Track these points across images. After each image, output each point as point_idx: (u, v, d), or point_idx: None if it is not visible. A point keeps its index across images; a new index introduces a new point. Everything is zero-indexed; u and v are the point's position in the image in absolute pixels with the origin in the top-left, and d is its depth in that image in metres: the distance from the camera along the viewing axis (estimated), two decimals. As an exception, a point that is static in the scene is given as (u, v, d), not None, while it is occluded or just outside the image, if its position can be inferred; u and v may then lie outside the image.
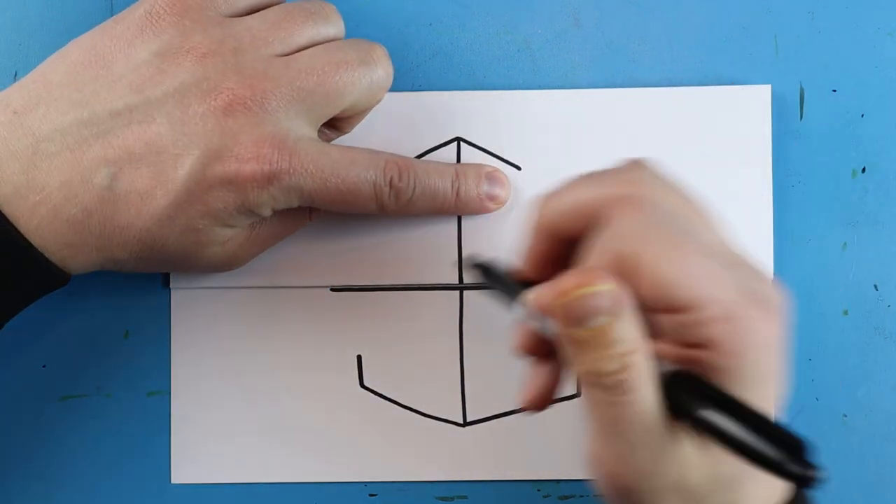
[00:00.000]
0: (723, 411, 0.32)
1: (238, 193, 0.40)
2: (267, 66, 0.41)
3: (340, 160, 0.42)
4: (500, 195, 0.46)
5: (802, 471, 0.31)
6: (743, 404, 0.33)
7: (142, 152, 0.39)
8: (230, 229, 0.42)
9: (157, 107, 0.40)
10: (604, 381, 0.33)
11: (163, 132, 0.40)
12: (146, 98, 0.40)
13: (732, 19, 0.47)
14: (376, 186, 0.43)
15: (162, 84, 0.40)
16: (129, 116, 0.40)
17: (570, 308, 0.32)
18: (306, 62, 0.41)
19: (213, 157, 0.40)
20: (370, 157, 0.43)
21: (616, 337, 0.32)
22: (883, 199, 0.47)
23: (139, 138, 0.39)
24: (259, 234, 0.44)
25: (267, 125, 0.40)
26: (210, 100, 0.40)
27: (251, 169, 0.40)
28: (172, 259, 0.42)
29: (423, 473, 0.47)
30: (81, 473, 0.48)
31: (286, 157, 0.40)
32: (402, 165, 0.43)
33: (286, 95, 0.40)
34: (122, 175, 0.39)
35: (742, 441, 0.32)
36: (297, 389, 0.47)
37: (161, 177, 0.40)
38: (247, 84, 0.40)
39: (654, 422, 0.33)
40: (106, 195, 0.39)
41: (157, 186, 0.40)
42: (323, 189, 0.41)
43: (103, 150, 0.39)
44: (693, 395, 0.33)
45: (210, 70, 0.40)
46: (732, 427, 0.32)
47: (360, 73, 0.42)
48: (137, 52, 0.40)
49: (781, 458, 0.31)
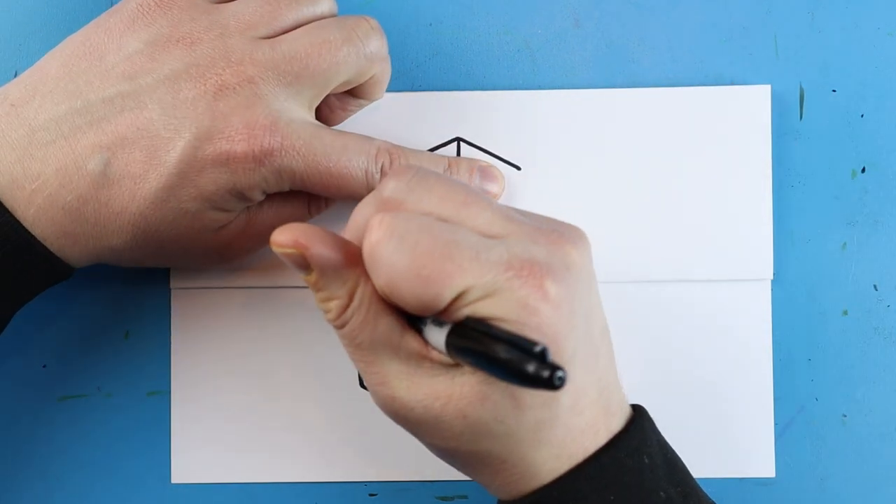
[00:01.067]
0: (477, 338, 0.34)
1: (230, 174, 0.41)
2: (253, 49, 0.41)
3: (332, 144, 0.42)
4: (493, 190, 0.46)
5: (543, 372, 0.31)
6: (496, 329, 0.34)
7: (134, 137, 0.40)
8: (223, 213, 0.42)
9: (148, 93, 0.40)
10: (325, 316, 0.38)
11: (154, 117, 0.40)
12: (138, 85, 0.40)
13: (732, 19, 0.47)
14: (367, 173, 0.43)
15: (153, 72, 0.41)
16: (122, 103, 0.40)
17: (281, 257, 0.37)
18: (289, 46, 0.42)
19: (205, 138, 0.40)
20: (363, 142, 0.43)
21: (322, 287, 0.37)
22: (883, 199, 0.47)
23: (131, 124, 0.40)
24: (254, 226, 0.44)
25: (258, 107, 0.41)
26: (200, 84, 0.40)
27: (242, 149, 0.40)
28: (166, 246, 0.42)
29: (423, 473, 0.47)
30: (81, 473, 0.48)
31: (277, 138, 0.41)
32: (393, 153, 0.44)
33: (273, 79, 0.41)
34: (116, 160, 0.40)
35: (487, 353, 0.33)
36: (296, 389, 0.47)
37: (153, 160, 0.40)
38: (234, 69, 0.41)
39: (385, 351, 0.37)
40: (100, 181, 0.40)
41: (149, 170, 0.40)
42: (314, 172, 0.42)
43: (96, 137, 0.40)
44: (464, 335, 0.35)
45: (199, 56, 0.41)
46: (479, 345, 0.34)
47: (345, 51, 0.42)
48: (129, 42, 0.41)
49: (521, 362, 0.32)
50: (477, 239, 0.35)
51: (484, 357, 0.33)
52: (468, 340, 0.34)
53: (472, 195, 0.37)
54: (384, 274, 0.35)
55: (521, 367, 0.32)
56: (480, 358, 0.34)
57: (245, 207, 0.43)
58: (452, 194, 0.37)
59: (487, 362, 0.33)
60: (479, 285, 0.35)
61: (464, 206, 0.37)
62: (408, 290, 0.35)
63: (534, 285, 0.35)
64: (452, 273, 0.34)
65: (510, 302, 0.34)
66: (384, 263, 0.35)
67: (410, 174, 0.37)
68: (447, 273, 0.34)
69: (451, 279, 0.34)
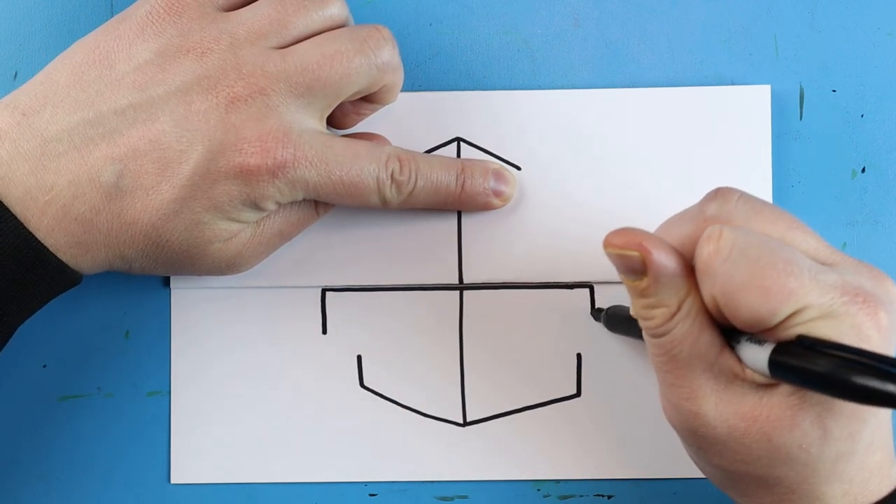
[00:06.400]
0: (812, 358, 0.34)
1: (244, 186, 0.41)
2: (265, 61, 0.41)
3: (344, 153, 0.42)
4: (506, 192, 0.46)
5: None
6: (849, 347, 0.34)
7: (146, 149, 0.40)
8: (235, 224, 0.42)
9: (160, 105, 0.40)
10: (645, 323, 0.37)
11: (167, 129, 0.40)
12: (149, 97, 0.40)
13: (732, 19, 0.47)
14: (379, 180, 0.43)
15: (164, 83, 0.40)
16: (134, 115, 0.40)
17: (612, 259, 0.37)
18: (300, 58, 0.41)
19: (218, 151, 0.40)
20: (374, 150, 0.43)
21: (651, 294, 0.36)
22: (883, 199, 0.47)
23: (143, 136, 0.40)
24: (263, 233, 0.44)
25: (270, 119, 0.41)
26: (212, 97, 0.40)
27: (256, 162, 0.40)
28: (177, 256, 0.42)
29: (423, 473, 0.47)
30: (81, 473, 0.48)
31: (290, 150, 0.41)
32: (403, 159, 0.44)
33: (285, 91, 0.41)
34: (128, 172, 0.40)
35: (827, 373, 0.33)
36: (297, 389, 0.47)
37: (166, 172, 0.40)
38: (246, 81, 0.41)
39: (700, 365, 0.36)
40: (113, 192, 0.40)
41: (162, 182, 0.40)
42: (328, 182, 0.42)
43: (109, 149, 0.40)
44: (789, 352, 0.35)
45: (210, 68, 0.41)
46: (814, 364, 0.33)
47: (357, 62, 0.42)
48: (139, 51, 0.41)
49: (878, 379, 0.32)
50: (811, 261, 0.36)
51: (819, 376, 0.33)
52: (799, 358, 0.34)
53: (797, 221, 0.37)
54: (720, 285, 0.35)
55: (875, 384, 0.32)
56: (811, 377, 0.33)
57: (257, 218, 0.43)
58: (780, 218, 0.37)
59: (822, 382, 0.33)
60: (816, 305, 0.34)
61: (790, 230, 0.37)
62: (744, 303, 0.34)
63: (868, 313, 0.35)
64: (794, 290, 0.34)
65: (845, 326, 0.34)
66: (722, 274, 0.35)
67: (736, 195, 0.37)
68: (789, 289, 0.34)
69: (792, 295, 0.34)
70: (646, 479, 0.47)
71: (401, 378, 0.47)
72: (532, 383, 0.47)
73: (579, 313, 0.47)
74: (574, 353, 0.47)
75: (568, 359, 0.47)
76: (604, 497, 0.47)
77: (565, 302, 0.47)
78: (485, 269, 0.47)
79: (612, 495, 0.47)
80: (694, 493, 0.47)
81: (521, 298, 0.47)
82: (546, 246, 0.47)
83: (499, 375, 0.47)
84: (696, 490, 0.47)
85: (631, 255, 0.36)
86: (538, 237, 0.47)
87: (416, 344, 0.47)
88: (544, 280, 0.47)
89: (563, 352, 0.47)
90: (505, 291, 0.47)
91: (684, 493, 0.47)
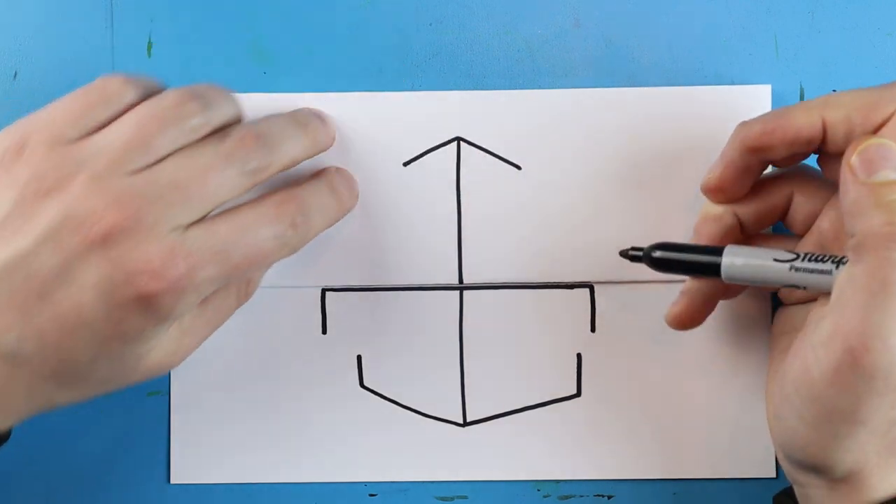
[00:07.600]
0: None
1: (150, 314, 0.39)
2: (131, 184, 0.39)
3: (231, 233, 0.40)
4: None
5: None
6: None
7: (39, 308, 0.38)
8: (154, 340, 0.41)
9: (33, 258, 0.38)
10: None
11: (49, 280, 0.38)
12: (20, 251, 0.38)
13: (732, 19, 0.47)
14: (277, 238, 0.41)
15: (32, 232, 0.38)
16: (10, 276, 0.38)
17: (864, 153, 0.38)
18: (170, 176, 0.39)
19: (110, 292, 0.38)
20: (258, 212, 0.41)
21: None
22: (883, 199, 0.47)
23: (28, 296, 0.38)
24: (186, 335, 0.43)
25: (151, 241, 0.38)
26: (83, 237, 0.38)
27: (152, 289, 0.38)
28: (107, 387, 0.41)
29: (423, 473, 0.47)
30: (81, 473, 0.48)
31: (181, 263, 0.39)
32: (289, 202, 0.42)
33: (160, 211, 0.39)
34: (27, 336, 0.38)
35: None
36: (296, 389, 0.47)
37: (65, 328, 0.38)
38: (115, 210, 0.38)
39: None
40: (20, 360, 0.38)
41: (63, 339, 0.38)
42: (230, 268, 0.40)
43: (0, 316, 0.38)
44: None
45: (74, 206, 0.38)
46: None
47: (230, 171, 0.40)
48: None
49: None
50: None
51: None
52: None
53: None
54: None
55: None
56: None
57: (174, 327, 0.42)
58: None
59: None
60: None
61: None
62: None
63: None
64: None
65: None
66: None
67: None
68: None
69: None
70: (646, 480, 0.47)
71: (401, 378, 0.47)
72: (532, 383, 0.47)
73: (579, 313, 0.47)
74: (574, 353, 0.47)
75: (568, 359, 0.47)
76: (604, 497, 0.47)
77: (565, 302, 0.47)
78: (485, 269, 0.47)
79: (612, 495, 0.47)
80: (694, 493, 0.47)
81: (521, 298, 0.47)
82: (546, 246, 0.47)
83: (499, 375, 0.47)
84: (696, 490, 0.47)
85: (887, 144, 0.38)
86: (538, 237, 0.47)
87: (416, 344, 0.47)
88: (544, 280, 0.47)
89: (563, 352, 0.47)
90: (505, 291, 0.47)
91: (684, 493, 0.47)
